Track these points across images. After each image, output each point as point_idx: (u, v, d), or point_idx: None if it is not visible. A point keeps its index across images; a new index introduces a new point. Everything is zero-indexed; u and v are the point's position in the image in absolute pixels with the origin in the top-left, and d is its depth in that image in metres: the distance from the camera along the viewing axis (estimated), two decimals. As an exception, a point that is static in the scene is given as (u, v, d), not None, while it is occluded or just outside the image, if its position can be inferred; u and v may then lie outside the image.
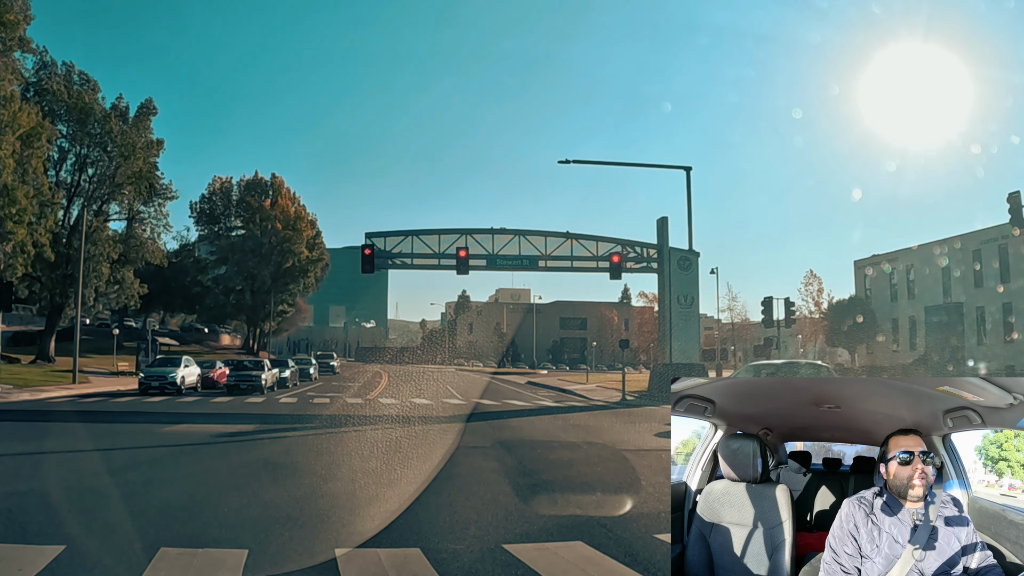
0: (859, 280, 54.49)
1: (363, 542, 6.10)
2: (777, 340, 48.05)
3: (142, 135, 47.85)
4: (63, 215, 45.92)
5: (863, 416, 3.63)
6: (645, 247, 34.59)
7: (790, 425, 3.90)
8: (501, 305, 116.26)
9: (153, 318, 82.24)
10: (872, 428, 3.60)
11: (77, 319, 35.81)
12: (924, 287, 47.75)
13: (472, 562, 5.61)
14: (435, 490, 8.59)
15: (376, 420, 18.98)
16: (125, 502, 7.77)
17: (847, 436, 3.88)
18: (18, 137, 33.56)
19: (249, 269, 70.66)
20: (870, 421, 3.61)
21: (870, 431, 3.65)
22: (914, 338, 48.46)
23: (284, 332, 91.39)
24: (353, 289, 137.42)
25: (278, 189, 73.88)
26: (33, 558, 5.33)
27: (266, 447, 13.75)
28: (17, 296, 43.91)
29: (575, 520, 7.22)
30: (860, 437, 3.81)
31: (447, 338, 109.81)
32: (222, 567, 5.40)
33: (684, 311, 32.22)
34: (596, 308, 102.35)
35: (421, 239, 34.25)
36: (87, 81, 46.28)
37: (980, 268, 42.85)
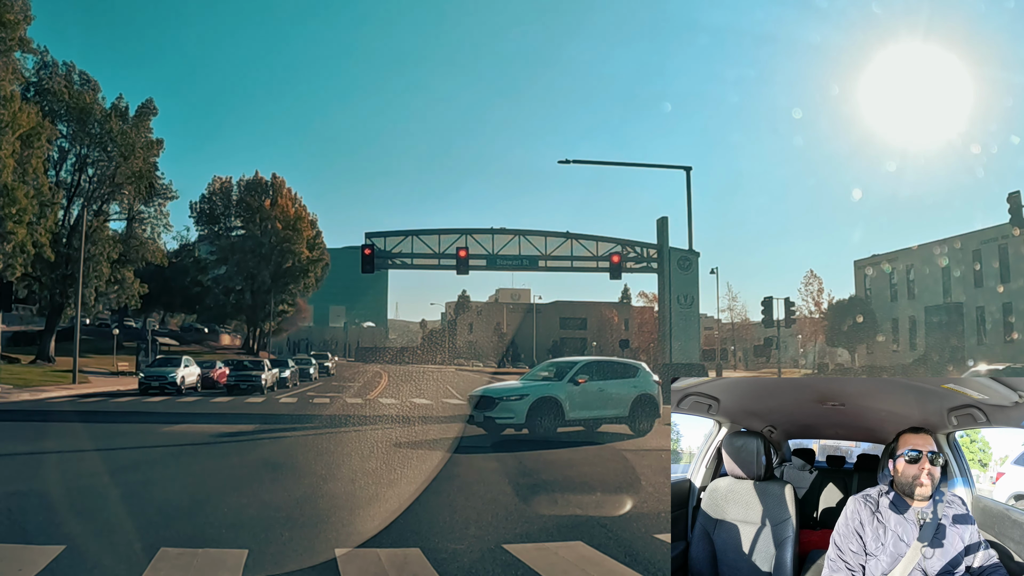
0: (859, 280, 54.51)
1: (363, 542, 6.09)
2: (777, 340, 48.05)
3: (142, 135, 47.84)
4: (63, 215, 45.92)
5: (867, 414, 3.62)
6: (645, 247, 34.57)
7: (794, 422, 3.89)
8: (501, 305, 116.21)
9: (153, 318, 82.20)
10: (876, 426, 3.58)
11: (77, 319, 35.80)
12: (924, 287, 47.76)
13: (472, 562, 5.59)
14: (435, 490, 8.57)
15: (376, 420, 18.97)
16: (125, 502, 7.76)
17: (851, 434, 3.86)
18: (18, 137, 33.54)
19: (249, 269, 70.65)
20: (874, 419, 3.59)
21: (874, 429, 3.63)
22: (914, 338, 48.46)
23: (284, 332, 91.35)
24: (353, 289, 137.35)
25: (278, 189, 73.87)
26: (33, 558, 5.31)
27: (266, 447, 13.74)
28: (17, 296, 43.94)
29: (575, 520, 7.20)
30: (864, 435, 3.80)
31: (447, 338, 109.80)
32: (222, 567, 5.38)
33: (684, 311, 32.21)
34: (596, 308, 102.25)
35: (421, 239, 34.22)
36: (87, 81, 46.27)
37: (980, 268, 42.86)
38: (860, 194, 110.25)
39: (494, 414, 14.53)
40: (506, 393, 15.10)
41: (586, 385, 15.46)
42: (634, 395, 15.90)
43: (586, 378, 15.55)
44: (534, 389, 15.13)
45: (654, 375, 17.00)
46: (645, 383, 16.36)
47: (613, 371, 16.49)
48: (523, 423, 14.50)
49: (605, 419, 15.69)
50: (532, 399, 14.69)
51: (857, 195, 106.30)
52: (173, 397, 27.85)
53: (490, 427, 14.66)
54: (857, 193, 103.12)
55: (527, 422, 14.50)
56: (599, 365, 16.73)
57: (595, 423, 15.71)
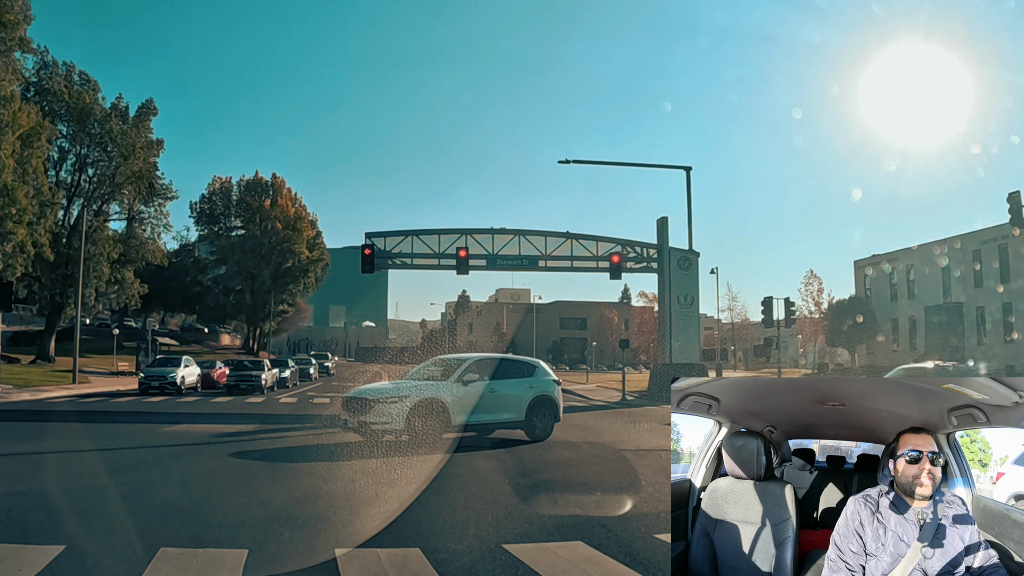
0: (859, 280, 54.51)
1: (363, 542, 6.09)
2: (777, 340, 48.06)
3: (142, 135, 47.85)
4: (63, 215, 45.94)
5: (867, 414, 3.62)
6: (645, 247, 34.59)
7: (794, 422, 3.89)
8: (501, 305, 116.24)
9: (153, 318, 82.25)
10: (876, 426, 3.59)
11: (77, 319, 35.80)
12: (924, 287, 47.76)
13: (472, 562, 5.59)
14: (435, 490, 8.57)
15: (376, 420, 18.92)
16: (125, 502, 7.75)
17: (851, 434, 3.87)
18: (18, 137, 33.55)
19: (249, 269, 70.65)
20: (875, 419, 3.59)
21: (874, 429, 3.63)
22: (914, 338, 48.46)
23: (284, 332, 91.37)
24: (353, 289, 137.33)
25: (278, 189, 73.87)
26: (33, 558, 5.31)
27: (266, 447, 13.73)
28: (17, 296, 43.93)
29: (575, 520, 7.20)
30: (864, 435, 3.80)
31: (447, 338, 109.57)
32: (222, 567, 5.38)
33: (684, 311, 32.23)
34: (596, 308, 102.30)
35: (421, 239, 34.24)
36: (87, 81, 46.27)
37: (980, 268, 42.85)
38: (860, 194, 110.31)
39: (369, 419, 12.88)
40: (382, 394, 13.33)
41: (475, 385, 13.96)
42: (530, 397, 14.44)
43: (475, 377, 14.06)
44: (415, 390, 13.52)
45: (552, 374, 15.63)
46: (542, 383, 14.95)
47: (507, 370, 14.92)
48: (402, 429, 12.94)
49: (498, 424, 14.16)
50: (412, 401, 13.08)
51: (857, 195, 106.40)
52: (173, 397, 27.85)
53: (365, 433, 13.06)
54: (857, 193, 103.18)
55: (407, 427, 12.95)
56: (491, 363, 15.00)
57: (487, 428, 14.19)
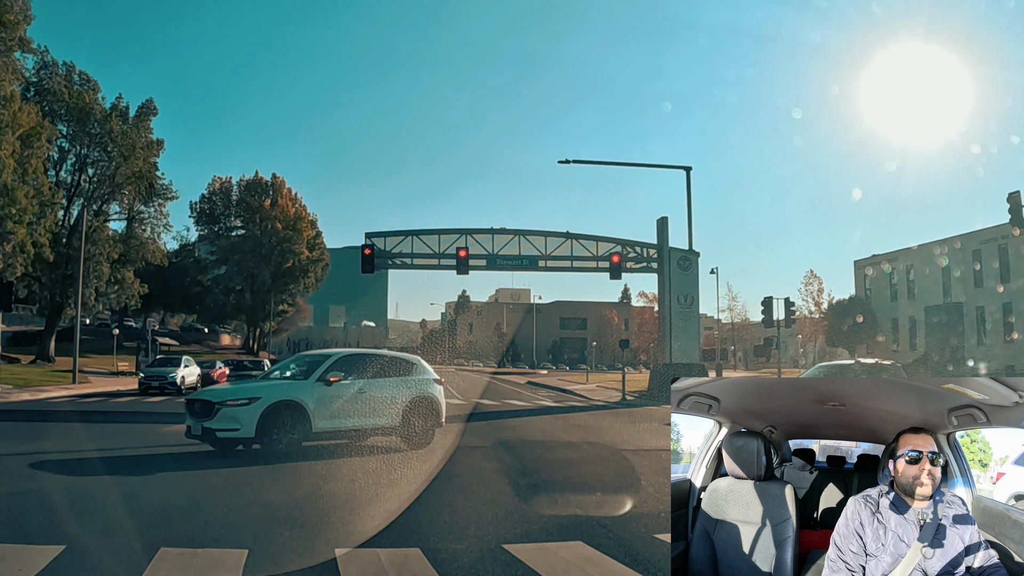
0: (859, 280, 54.53)
1: (363, 542, 6.09)
2: (777, 340, 48.00)
3: (142, 135, 47.88)
4: (63, 215, 45.98)
5: (868, 414, 3.62)
6: (645, 247, 34.60)
7: (794, 423, 3.89)
8: (501, 305, 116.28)
9: (153, 318, 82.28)
10: (877, 426, 3.59)
11: (77, 319, 35.80)
12: (924, 287, 47.76)
13: (472, 562, 5.59)
14: (435, 490, 8.57)
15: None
16: (125, 502, 7.75)
17: (852, 434, 3.87)
18: (18, 137, 33.56)
19: (249, 269, 70.69)
20: (875, 419, 3.59)
21: (875, 429, 3.64)
22: (914, 338, 48.46)
23: (284, 332, 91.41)
24: (353, 289, 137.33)
25: (278, 189, 73.91)
26: (33, 558, 5.31)
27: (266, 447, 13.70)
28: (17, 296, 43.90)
29: (575, 520, 7.20)
30: (865, 435, 3.80)
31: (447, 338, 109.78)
32: (222, 567, 5.38)
33: (684, 311, 32.23)
34: (596, 308, 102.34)
35: (421, 239, 34.25)
36: (87, 81, 46.31)
37: (980, 268, 42.86)
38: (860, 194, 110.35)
39: (214, 424, 11.26)
40: (230, 396, 11.70)
41: (341, 385, 12.23)
42: (407, 399, 12.76)
43: (341, 376, 12.29)
44: (269, 391, 11.87)
45: (432, 372, 13.84)
46: (421, 383, 13.22)
47: (379, 367, 13.09)
48: (252, 436, 11.38)
49: (369, 430, 12.56)
50: (265, 404, 11.45)
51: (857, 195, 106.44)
52: (173, 397, 27.84)
53: (211, 440, 11.48)
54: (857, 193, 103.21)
55: (258, 435, 11.38)
56: (360, 359, 13.18)
57: (356, 435, 12.55)
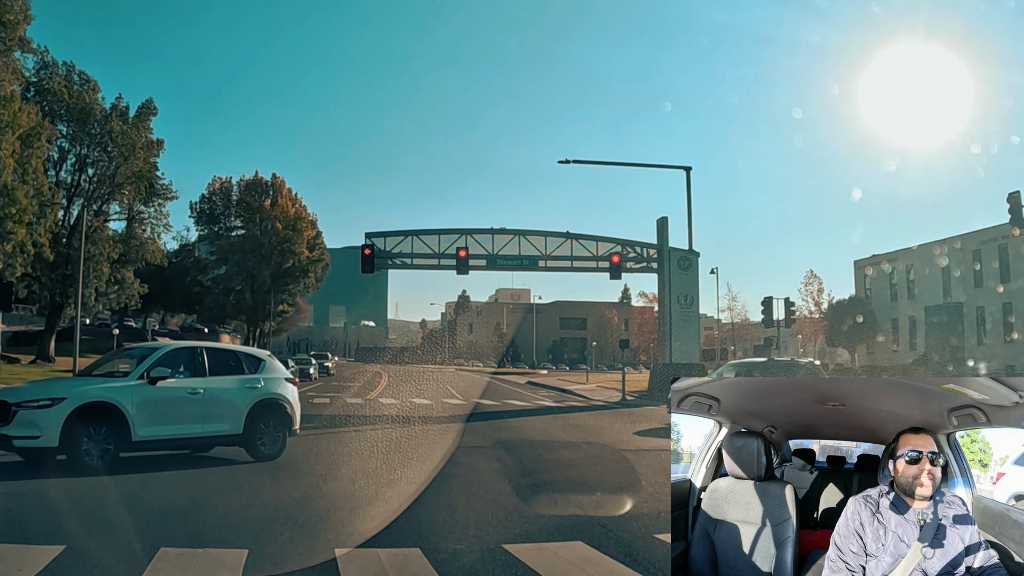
0: (859, 280, 54.51)
1: (363, 542, 6.09)
2: (777, 340, 48.00)
3: (142, 135, 47.83)
4: (63, 215, 45.92)
5: (868, 414, 3.61)
6: (645, 247, 34.59)
7: (794, 423, 3.89)
8: (501, 305, 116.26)
9: (153, 318, 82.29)
10: (877, 426, 3.58)
11: (77, 319, 35.78)
12: (924, 287, 47.75)
13: (472, 562, 5.59)
14: (435, 490, 8.57)
15: (376, 420, 18.97)
16: (125, 502, 7.75)
17: (852, 434, 3.86)
18: (18, 137, 33.55)
19: (249, 269, 70.62)
20: (875, 419, 3.59)
21: (875, 429, 3.63)
22: (914, 338, 48.45)
23: (284, 332, 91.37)
24: (353, 289, 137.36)
25: (278, 189, 73.83)
26: (33, 558, 5.31)
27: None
28: (17, 296, 43.95)
29: (575, 520, 7.20)
30: (865, 435, 3.80)
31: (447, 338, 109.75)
32: (222, 567, 5.38)
33: (684, 311, 32.23)
34: (596, 308, 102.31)
35: (421, 239, 34.25)
36: (87, 81, 46.26)
37: (980, 268, 42.85)
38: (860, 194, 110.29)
39: (10, 430, 9.24)
40: (28, 396, 9.59)
41: (169, 386, 10.22)
42: (251, 402, 10.87)
43: (168, 373, 10.27)
44: (77, 390, 9.81)
45: (285, 371, 12.01)
46: (270, 383, 11.30)
47: (218, 364, 10.98)
48: (56, 446, 9.30)
49: (204, 438, 10.65)
50: (71, 407, 9.39)
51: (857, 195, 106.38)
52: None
53: (7, 448, 9.44)
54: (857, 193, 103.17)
55: (63, 445, 9.31)
56: (195, 354, 10.95)
57: (188, 444, 10.67)
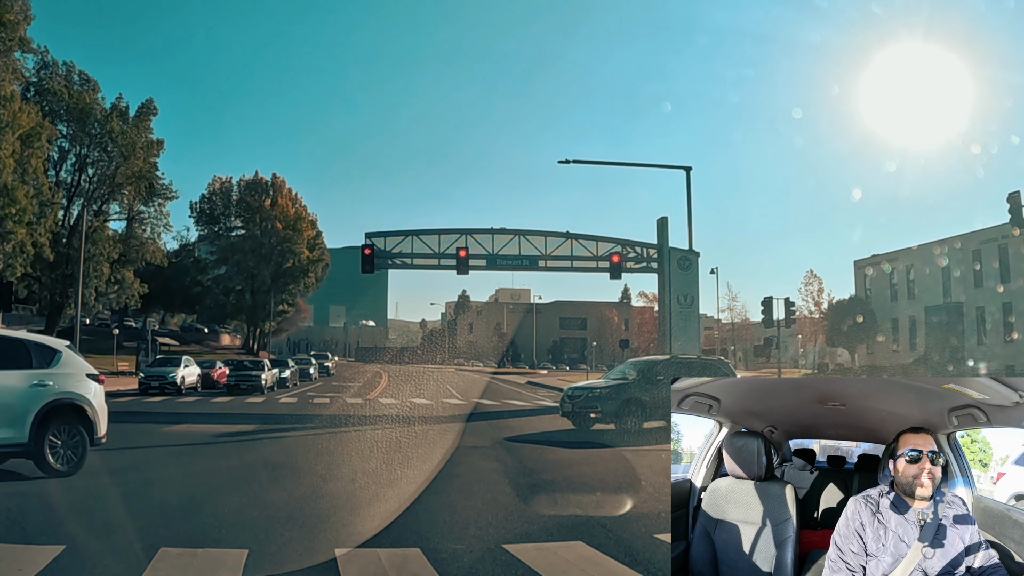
0: (859, 280, 54.49)
1: (363, 542, 6.09)
2: (777, 340, 48.00)
3: (142, 135, 47.86)
4: (63, 215, 45.97)
5: (868, 414, 3.61)
6: (645, 247, 34.57)
7: (795, 423, 3.89)
8: (501, 305, 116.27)
9: (153, 318, 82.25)
10: (877, 426, 3.58)
11: (77, 319, 35.81)
12: (924, 287, 47.74)
13: (472, 562, 5.59)
14: (435, 490, 8.57)
15: (376, 420, 18.97)
16: (125, 502, 7.75)
17: (852, 434, 3.86)
18: (18, 137, 33.56)
19: (249, 269, 70.63)
20: (875, 419, 3.59)
21: (875, 429, 3.63)
22: (914, 338, 48.44)
23: (284, 332, 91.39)
24: (353, 289, 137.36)
25: (278, 189, 73.84)
26: (33, 558, 5.31)
27: (266, 447, 13.73)
28: (17, 296, 43.94)
29: (575, 520, 7.20)
30: (865, 435, 3.79)
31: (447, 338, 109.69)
32: (222, 567, 5.38)
33: (684, 311, 32.21)
34: (596, 308, 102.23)
35: (421, 239, 34.22)
36: (87, 81, 46.30)
37: (980, 268, 42.85)
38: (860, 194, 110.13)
39: None
40: None
41: None
42: (40, 404, 8.87)
43: None
44: None
45: (86, 365, 9.89)
46: (64, 381, 9.22)
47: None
48: None
49: None
50: None
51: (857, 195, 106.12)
52: (173, 397, 27.84)
53: None
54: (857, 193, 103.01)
55: None
56: None
57: None
